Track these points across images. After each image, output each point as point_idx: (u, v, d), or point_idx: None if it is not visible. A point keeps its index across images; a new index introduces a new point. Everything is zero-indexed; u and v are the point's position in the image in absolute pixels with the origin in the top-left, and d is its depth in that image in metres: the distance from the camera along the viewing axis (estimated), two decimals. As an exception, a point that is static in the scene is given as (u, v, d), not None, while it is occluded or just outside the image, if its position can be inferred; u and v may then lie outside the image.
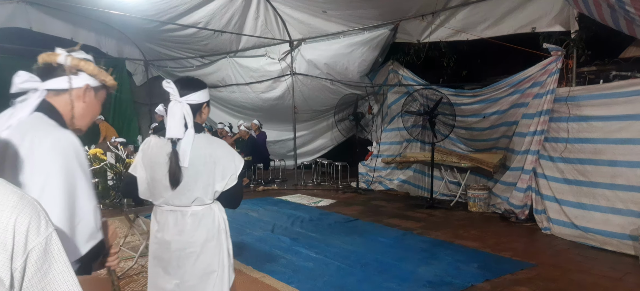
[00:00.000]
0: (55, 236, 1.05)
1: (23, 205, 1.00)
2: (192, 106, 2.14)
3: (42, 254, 1.01)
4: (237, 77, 10.65)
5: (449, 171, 8.03)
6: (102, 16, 9.55)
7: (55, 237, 1.05)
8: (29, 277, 1.00)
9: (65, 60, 1.63)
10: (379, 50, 8.47)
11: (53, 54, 1.64)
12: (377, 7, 7.60)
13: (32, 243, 0.99)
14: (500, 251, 5.16)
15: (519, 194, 6.31)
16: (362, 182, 9.40)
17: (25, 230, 0.98)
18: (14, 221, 0.98)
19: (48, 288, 1.04)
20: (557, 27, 6.14)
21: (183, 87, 2.15)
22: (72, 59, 1.66)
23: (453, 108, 7.23)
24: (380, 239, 5.74)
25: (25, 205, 1.01)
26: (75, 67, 1.66)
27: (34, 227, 1.00)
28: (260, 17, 8.95)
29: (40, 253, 1.01)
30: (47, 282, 1.03)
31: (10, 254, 0.96)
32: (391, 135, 9.05)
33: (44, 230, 1.02)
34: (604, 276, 4.38)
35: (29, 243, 0.99)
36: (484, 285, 4.22)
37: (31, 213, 1.01)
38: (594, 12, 4.94)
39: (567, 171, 5.72)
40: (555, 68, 5.89)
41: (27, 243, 0.99)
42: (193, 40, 9.96)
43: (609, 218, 5.25)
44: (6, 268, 0.96)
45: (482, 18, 6.92)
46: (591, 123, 5.50)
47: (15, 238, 0.97)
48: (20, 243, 0.98)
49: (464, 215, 6.89)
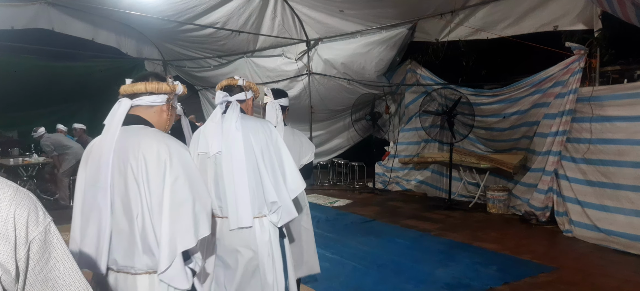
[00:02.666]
0: (53, 225, 1.09)
1: (20, 197, 1.04)
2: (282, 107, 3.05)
3: (42, 243, 1.05)
4: (254, 77, 10.66)
5: (467, 172, 7.93)
6: (122, 17, 9.68)
7: (53, 227, 1.09)
8: (32, 266, 1.04)
9: (242, 83, 2.66)
10: (396, 49, 8.40)
11: (233, 79, 2.67)
12: (395, 6, 7.54)
13: (32, 233, 1.03)
14: (520, 253, 5.08)
15: (540, 196, 6.19)
16: (378, 183, 9.35)
17: (25, 221, 1.02)
18: (13, 213, 1.01)
19: (50, 275, 1.08)
20: (580, 26, 6.00)
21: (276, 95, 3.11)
22: (246, 81, 2.69)
23: (472, 108, 7.14)
24: (397, 240, 5.70)
25: (23, 197, 1.04)
26: (247, 86, 2.68)
27: (33, 218, 1.04)
28: (277, 16, 8.96)
29: (41, 243, 1.05)
30: (49, 269, 1.07)
31: (14, 245, 1.00)
32: (409, 135, 8.98)
33: (43, 220, 1.06)
34: (627, 281, 4.27)
35: (30, 233, 1.03)
36: (503, 287, 4.16)
37: (29, 204, 1.04)
38: (618, 10, 4.82)
39: (590, 172, 5.60)
40: (578, 67, 5.77)
41: (28, 234, 1.02)
42: (211, 40, 10.02)
43: (633, 221, 5.12)
44: (11, 258, 0.99)
45: (503, 16, 6.80)
46: (615, 124, 5.37)
47: (17, 229, 1.01)
48: (22, 234, 1.01)
49: (482, 217, 6.80)
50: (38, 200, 1.08)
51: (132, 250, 1.73)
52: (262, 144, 2.49)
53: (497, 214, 6.86)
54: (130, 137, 1.79)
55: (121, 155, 1.77)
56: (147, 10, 8.51)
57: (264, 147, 2.50)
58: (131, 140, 1.78)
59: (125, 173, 1.75)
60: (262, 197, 2.49)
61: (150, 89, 1.86)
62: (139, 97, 1.87)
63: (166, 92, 1.89)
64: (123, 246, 1.74)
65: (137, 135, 1.80)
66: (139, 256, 1.72)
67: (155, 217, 1.71)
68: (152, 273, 1.73)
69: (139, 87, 1.86)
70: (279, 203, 2.48)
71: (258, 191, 2.48)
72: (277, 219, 2.51)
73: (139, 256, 1.72)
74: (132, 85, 1.87)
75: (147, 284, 1.73)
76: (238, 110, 2.54)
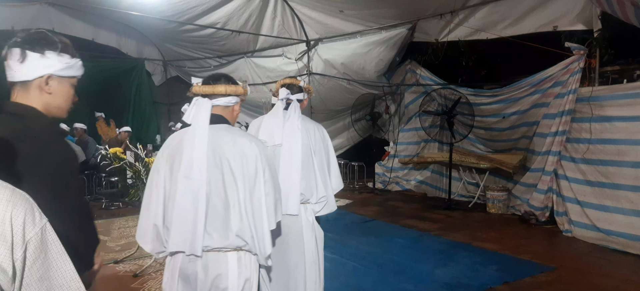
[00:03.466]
0: (49, 226, 1.10)
1: (16, 198, 1.05)
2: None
3: (39, 244, 1.07)
4: (254, 77, 10.69)
5: (467, 172, 7.94)
6: (122, 17, 9.69)
7: (48, 227, 1.10)
8: (28, 266, 1.05)
9: (303, 84, 2.94)
10: (396, 49, 8.41)
11: (296, 79, 2.96)
12: (395, 6, 7.55)
13: (29, 234, 1.04)
14: (520, 253, 5.09)
15: (539, 196, 6.20)
16: (378, 182, 9.35)
17: (22, 222, 1.03)
18: (10, 214, 1.02)
19: (46, 275, 1.09)
20: (580, 26, 6.01)
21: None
22: (305, 84, 2.97)
23: (472, 108, 7.15)
24: (397, 240, 5.70)
25: (19, 198, 1.05)
26: (307, 88, 2.97)
27: (30, 219, 1.05)
28: (277, 17, 8.97)
29: (37, 243, 1.06)
30: (45, 269, 1.08)
31: (11, 246, 1.01)
32: (408, 135, 8.99)
33: (39, 221, 1.07)
34: (626, 281, 4.28)
35: (27, 234, 1.04)
36: (502, 287, 4.16)
37: (25, 205, 1.05)
38: (617, 10, 4.83)
39: (589, 172, 5.60)
40: (578, 67, 5.77)
41: (24, 234, 1.04)
42: (211, 40, 10.03)
43: (633, 221, 5.13)
44: (8, 258, 1.00)
45: (502, 17, 6.81)
46: (614, 124, 5.38)
47: (14, 230, 1.02)
48: (19, 235, 1.03)
49: (482, 217, 6.81)
50: (34, 202, 1.09)
51: (226, 233, 1.98)
52: (317, 144, 2.87)
53: (497, 214, 6.87)
54: (220, 134, 2.02)
55: (216, 150, 1.98)
56: (147, 10, 8.53)
57: (318, 148, 2.88)
58: (223, 137, 2.02)
59: (221, 166, 1.98)
60: (311, 190, 2.83)
61: (229, 91, 2.06)
62: (218, 98, 2.06)
63: (240, 94, 2.12)
64: (218, 230, 1.98)
65: (229, 133, 2.05)
66: (232, 238, 1.99)
67: (248, 205, 1.98)
68: (239, 251, 2.02)
69: (220, 89, 2.06)
70: (327, 198, 2.88)
71: (309, 183, 2.82)
72: (319, 209, 2.90)
73: (232, 238, 1.99)
74: (213, 87, 2.06)
75: (236, 259, 2.02)
76: (299, 110, 2.88)
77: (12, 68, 1.53)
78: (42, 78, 1.55)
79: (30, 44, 1.52)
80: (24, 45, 1.51)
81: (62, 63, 1.57)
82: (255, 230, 1.99)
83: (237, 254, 2.03)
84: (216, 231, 1.98)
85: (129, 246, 5.56)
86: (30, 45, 1.52)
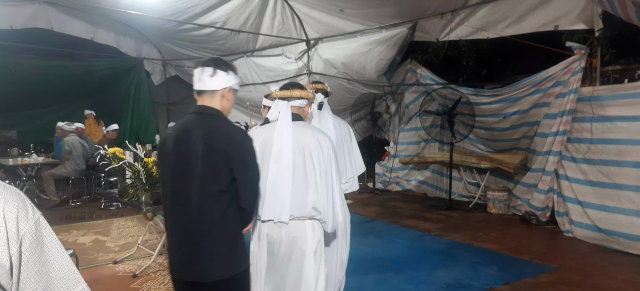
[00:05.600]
0: (43, 220, 1.13)
1: (8, 194, 1.06)
2: None
3: (33, 238, 1.08)
4: (253, 77, 10.66)
5: (467, 172, 7.92)
6: (121, 16, 9.66)
7: (43, 221, 1.13)
8: (25, 261, 1.07)
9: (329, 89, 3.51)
10: (396, 49, 8.38)
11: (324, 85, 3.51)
12: (395, 5, 7.52)
13: (23, 229, 1.07)
14: (521, 254, 5.07)
15: (540, 196, 6.18)
16: (379, 183, 9.33)
17: (15, 217, 1.05)
18: (2, 209, 1.04)
19: (43, 268, 1.10)
20: (581, 25, 5.98)
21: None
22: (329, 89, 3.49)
23: (472, 108, 7.12)
24: (397, 240, 5.68)
25: (10, 194, 1.07)
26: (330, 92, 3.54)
27: (23, 214, 1.07)
28: (277, 16, 8.94)
29: (32, 238, 1.08)
30: (42, 263, 1.10)
31: (6, 241, 1.03)
32: (409, 135, 8.97)
33: (32, 215, 1.10)
34: (628, 281, 4.26)
35: (21, 229, 1.06)
36: (503, 288, 4.15)
37: (17, 201, 1.07)
38: (619, 10, 4.81)
39: (590, 172, 5.58)
40: (579, 67, 5.75)
41: (18, 229, 1.06)
42: (210, 39, 10.00)
43: (634, 221, 5.11)
44: (5, 252, 1.03)
45: (503, 16, 6.78)
46: (615, 124, 5.36)
47: (7, 225, 1.04)
48: (13, 230, 1.04)
49: (483, 217, 6.79)
50: (26, 197, 1.11)
51: (305, 206, 2.55)
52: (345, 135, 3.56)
53: (498, 214, 6.85)
54: (301, 129, 2.61)
55: (298, 141, 2.54)
56: (146, 9, 8.50)
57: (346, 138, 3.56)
58: (304, 131, 2.61)
59: (303, 154, 2.54)
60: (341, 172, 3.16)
61: (303, 95, 2.65)
62: (293, 100, 2.63)
63: (310, 98, 2.70)
64: (299, 203, 2.54)
65: (308, 128, 2.67)
66: (309, 210, 2.56)
67: (322, 185, 2.54)
68: (313, 219, 2.60)
69: (296, 94, 2.63)
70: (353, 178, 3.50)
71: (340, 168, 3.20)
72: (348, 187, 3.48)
73: (309, 209, 2.56)
74: (291, 91, 2.63)
75: (311, 225, 2.60)
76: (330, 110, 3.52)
77: (204, 80, 2.16)
78: (225, 89, 2.20)
79: (219, 65, 2.17)
80: (215, 65, 2.16)
81: (235, 79, 2.24)
82: (328, 203, 2.55)
83: (312, 222, 2.60)
84: (297, 204, 2.54)
85: (129, 246, 5.54)
86: (219, 66, 2.16)
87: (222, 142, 2.09)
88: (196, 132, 2.10)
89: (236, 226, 2.20)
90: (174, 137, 2.18)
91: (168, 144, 2.20)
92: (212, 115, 2.17)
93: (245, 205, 2.18)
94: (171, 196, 2.20)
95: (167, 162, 2.21)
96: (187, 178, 2.10)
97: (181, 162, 2.13)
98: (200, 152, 2.06)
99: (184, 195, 2.12)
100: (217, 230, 2.11)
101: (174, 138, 2.18)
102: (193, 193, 2.08)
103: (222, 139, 2.11)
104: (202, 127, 2.12)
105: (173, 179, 2.17)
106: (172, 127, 2.38)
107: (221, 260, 2.12)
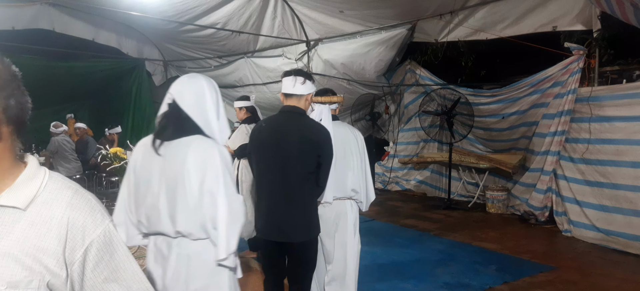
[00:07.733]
0: (113, 227, 1.07)
1: (77, 200, 1.02)
2: None
3: (102, 246, 1.03)
4: (254, 77, 10.68)
5: (466, 172, 7.95)
6: (122, 17, 9.69)
7: (112, 228, 1.07)
8: (91, 269, 1.02)
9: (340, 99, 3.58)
10: (396, 50, 8.41)
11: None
12: (395, 6, 7.55)
13: (90, 236, 1.02)
14: (519, 253, 5.10)
15: (538, 195, 6.21)
16: (378, 182, 9.36)
17: (81, 224, 1.01)
18: (67, 216, 1.00)
19: (113, 276, 1.06)
20: (579, 26, 6.01)
21: None
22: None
23: (471, 108, 7.15)
24: (397, 240, 5.71)
25: (79, 200, 1.03)
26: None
27: (90, 221, 1.02)
28: (277, 17, 8.97)
29: (100, 245, 1.03)
30: (110, 270, 1.05)
31: (63, 248, 0.98)
32: (408, 135, 9.00)
33: (100, 222, 1.04)
34: (626, 280, 4.29)
35: (87, 236, 1.01)
36: (502, 287, 4.18)
37: (86, 207, 1.03)
38: (617, 10, 4.84)
39: (589, 172, 5.61)
40: (577, 67, 5.78)
41: (84, 237, 1.01)
42: (211, 40, 10.03)
43: (632, 221, 5.14)
44: (60, 260, 0.98)
45: (502, 17, 6.81)
46: (613, 124, 5.39)
47: (70, 232, 0.99)
48: (77, 237, 1.00)
49: (482, 217, 6.82)
50: (98, 202, 1.07)
51: (345, 188, 3.22)
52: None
53: (496, 214, 6.88)
54: (339, 126, 3.28)
55: (338, 135, 3.06)
56: (147, 10, 8.53)
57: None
58: (342, 127, 3.31)
59: (343, 146, 3.19)
60: None
61: (335, 100, 3.23)
62: (331, 104, 3.18)
63: (340, 101, 3.32)
64: (340, 186, 3.16)
65: (344, 125, 3.39)
66: (349, 191, 3.25)
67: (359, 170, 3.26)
68: (351, 199, 3.30)
69: (333, 99, 3.21)
70: None
71: None
72: None
73: (349, 191, 3.25)
74: (330, 97, 3.19)
75: (350, 204, 3.32)
76: None
77: (295, 86, 2.74)
78: (309, 94, 2.81)
79: (307, 76, 2.81)
80: (305, 76, 2.79)
81: (314, 87, 2.86)
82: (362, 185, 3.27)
83: (350, 201, 3.32)
84: (340, 187, 3.16)
85: (130, 246, 5.56)
86: (308, 77, 2.82)
87: (315, 135, 2.73)
88: (292, 126, 2.74)
89: (314, 201, 2.85)
90: (273, 128, 2.80)
91: (264, 134, 2.81)
92: (301, 114, 2.80)
93: (321, 184, 2.79)
94: (268, 176, 2.76)
95: (264, 149, 2.79)
96: (284, 162, 2.69)
97: (280, 150, 2.71)
98: (297, 142, 2.70)
99: (281, 175, 2.70)
100: (304, 203, 2.75)
101: (272, 129, 2.80)
102: (289, 174, 2.69)
103: (315, 132, 2.75)
104: (296, 122, 2.75)
105: (271, 162, 2.74)
106: (265, 120, 3.01)
107: (305, 226, 2.76)
